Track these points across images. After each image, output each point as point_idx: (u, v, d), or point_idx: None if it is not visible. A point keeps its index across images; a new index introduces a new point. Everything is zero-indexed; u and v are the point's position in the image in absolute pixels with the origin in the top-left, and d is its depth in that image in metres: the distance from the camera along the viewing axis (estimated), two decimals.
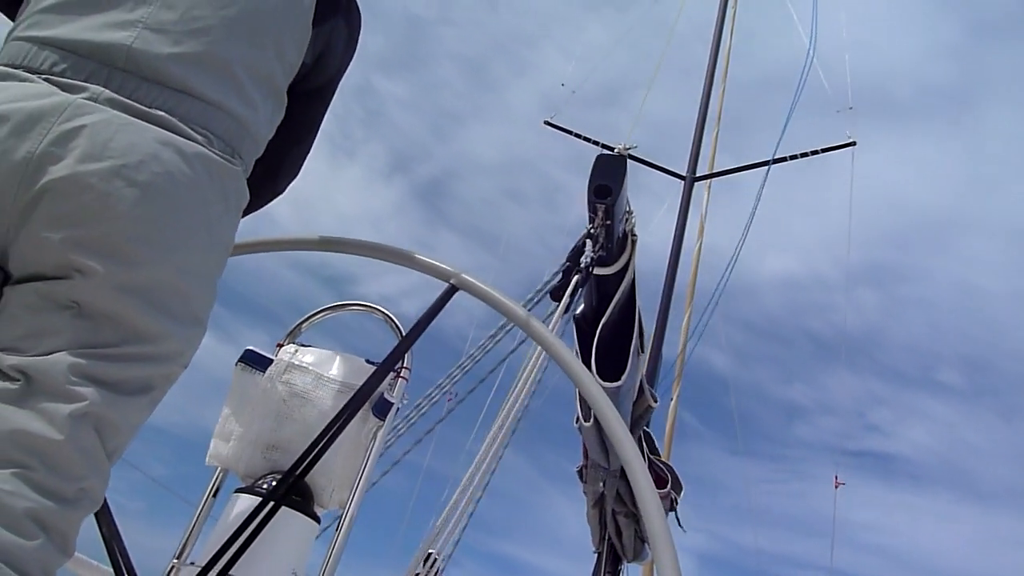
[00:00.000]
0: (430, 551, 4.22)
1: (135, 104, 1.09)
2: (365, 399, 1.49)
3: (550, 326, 2.10)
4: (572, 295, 2.07)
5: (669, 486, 4.36)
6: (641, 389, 3.80)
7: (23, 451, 0.92)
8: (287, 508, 1.69)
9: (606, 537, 4.75)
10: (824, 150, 8.53)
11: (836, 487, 7.42)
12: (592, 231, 2.15)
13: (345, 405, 1.48)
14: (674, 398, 7.16)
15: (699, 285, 7.99)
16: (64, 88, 1.06)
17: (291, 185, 1.62)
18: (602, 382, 2.15)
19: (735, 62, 9.65)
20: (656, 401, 4.06)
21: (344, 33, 1.49)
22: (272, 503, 1.40)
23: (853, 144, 8.48)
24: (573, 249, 2.31)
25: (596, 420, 3.12)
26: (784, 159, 8.42)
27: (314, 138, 1.60)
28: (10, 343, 0.99)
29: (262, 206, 1.61)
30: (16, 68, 1.09)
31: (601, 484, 4.31)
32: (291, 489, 1.44)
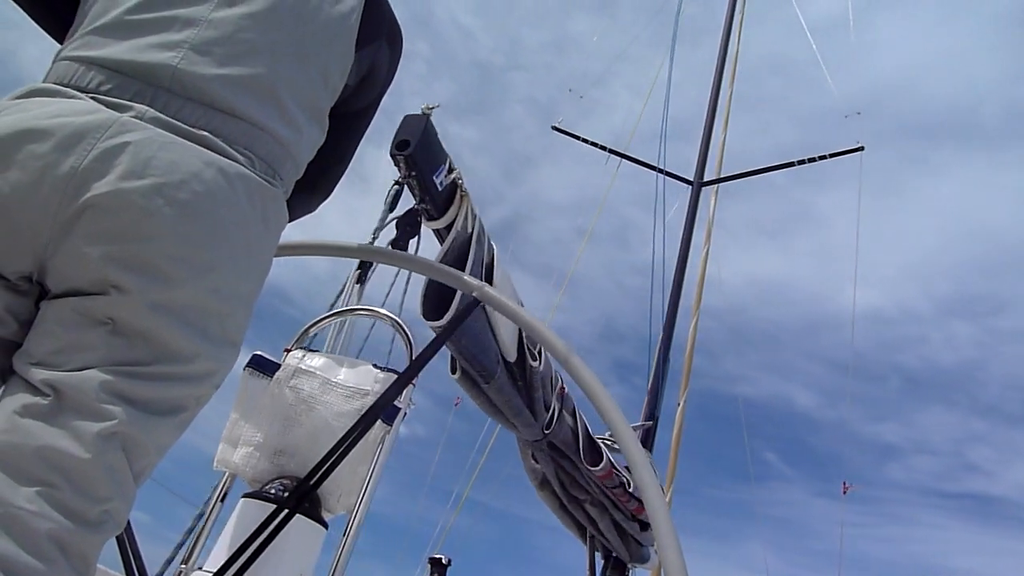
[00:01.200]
0: (439, 555, 4.19)
1: (179, 124, 1.10)
2: (382, 409, 1.48)
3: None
4: (404, 240, 2.21)
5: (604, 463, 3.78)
6: (521, 351, 3.27)
7: (49, 469, 0.91)
8: (295, 514, 1.69)
9: (586, 531, 4.38)
10: (832, 155, 8.49)
11: (844, 491, 7.35)
12: (399, 180, 2.30)
13: (363, 416, 1.47)
14: (681, 403, 7.12)
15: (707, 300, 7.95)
16: (109, 106, 1.07)
17: (324, 204, 1.62)
18: (428, 321, 2.22)
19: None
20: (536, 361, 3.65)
21: (387, 55, 1.50)
22: (287, 511, 1.39)
23: (861, 149, 8.44)
24: (386, 201, 2.51)
25: (465, 375, 2.94)
26: (792, 164, 8.40)
27: (351, 158, 1.60)
28: (43, 357, 0.98)
29: (292, 221, 1.61)
30: (63, 87, 1.10)
31: (531, 458, 3.83)
32: (303, 497, 1.44)
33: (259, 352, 1.96)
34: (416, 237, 2.35)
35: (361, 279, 2.42)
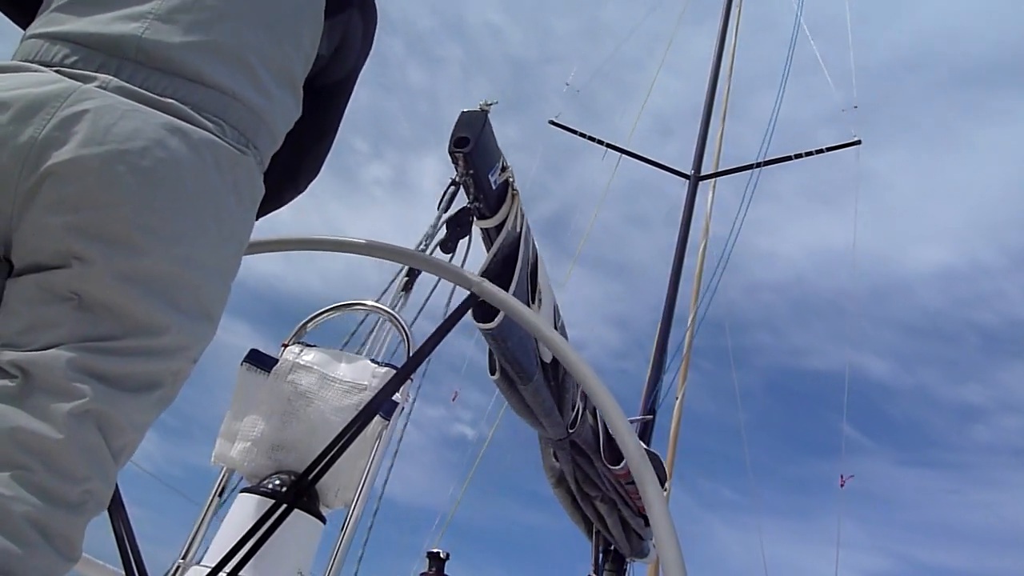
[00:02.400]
0: (436, 549, 4.20)
1: (145, 92, 1.07)
2: (381, 404, 1.48)
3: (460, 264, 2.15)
4: (454, 240, 2.16)
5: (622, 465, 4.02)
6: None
7: (22, 451, 0.89)
8: (294, 508, 1.69)
9: (593, 527, 4.47)
10: (829, 149, 8.50)
11: (842, 484, 7.38)
12: (456, 180, 2.23)
13: (361, 411, 1.47)
14: (679, 396, 7.14)
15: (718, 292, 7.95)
16: (73, 78, 1.05)
17: (312, 184, 1.59)
18: (479, 324, 2.19)
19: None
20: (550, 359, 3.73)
21: (360, 26, 1.48)
22: (285, 506, 1.39)
23: (858, 143, 8.45)
24: (441, 200, 2.42)
25: (504, 375, 2.94)
26: (788, 158, 8.40)
27: (334, 135, 1.57)
28: (9, 338, 0.96)
29: (282, 205, 1.58)
30: (28, 62, 1.08)
31: (552, 456, 3.96)
32: (302, 492, 1.43)
33: (256, 348, 1.96)
34: (467, 237, 2.30)
35: (408, 287, 2.37)
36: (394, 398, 1.85)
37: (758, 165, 8.42)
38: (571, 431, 3.45)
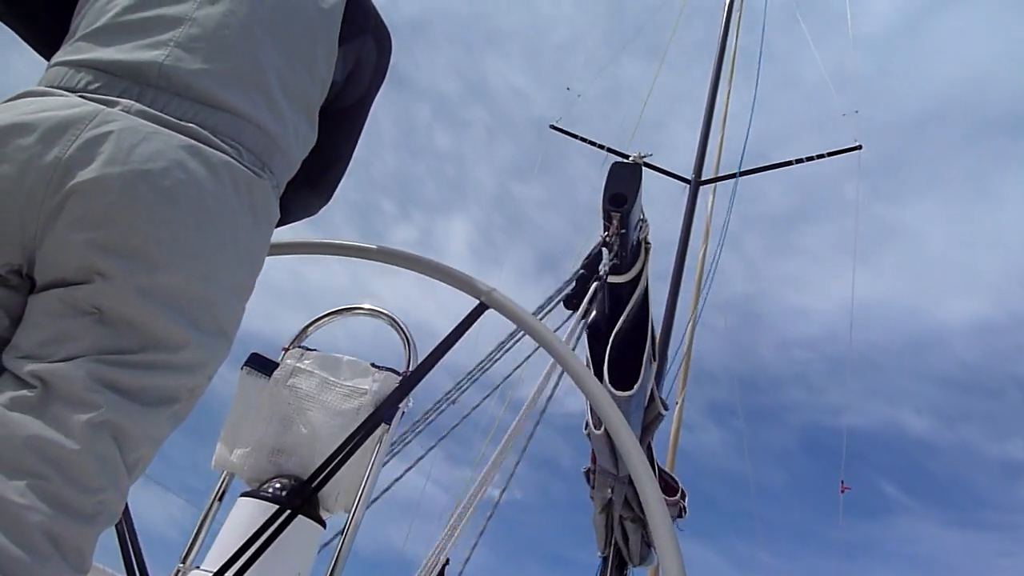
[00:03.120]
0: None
1: (166, 116, 1.10)
2: (385, 413, 1.47)
3: (567, 333, 2.09)
4: (590, 303, 2.07)
5: (679, 495, 4.38)
6: (652, 396, 3.79)
7: (38, 460, 0.90)
8: (298, 514, 1.69)
9: (612, 541, 4.77)
10: (830, 154, 8.50)
11: (842, 491, 7.37)
12: (607, 239, 2.15)
13: (366, 420, 1.46)
14: (679, 403, 7.14)
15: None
16: (97, 102, 1.08)
17: (324, 207, 1.61)
18: (615, 390, 2.14)
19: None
20: (666, 409, 4.05)
21: (373, 51, 1.50)
22: (289, 512, 1.39)
23: (859, 148, 8.46)
24: (588, 256, 2.31)
25: (607, 429, 3.13)
26: (790, 162, 8.41)
27: (349, 160, 1.59)
28: (30, 350, 0.98)
29: (291, 223, 1.60)
30: (53, 88, 1.11)
31: (609, 490, 4.33)
32: (305, 498, 1.43)
33: (256, 351, 1.96)
34: (592, 296, 2.18)
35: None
36: (386, 396, 1.85)
37: (758, 170, 8.43)
38: None
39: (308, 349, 1.98)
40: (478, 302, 1.55)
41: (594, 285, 2.11)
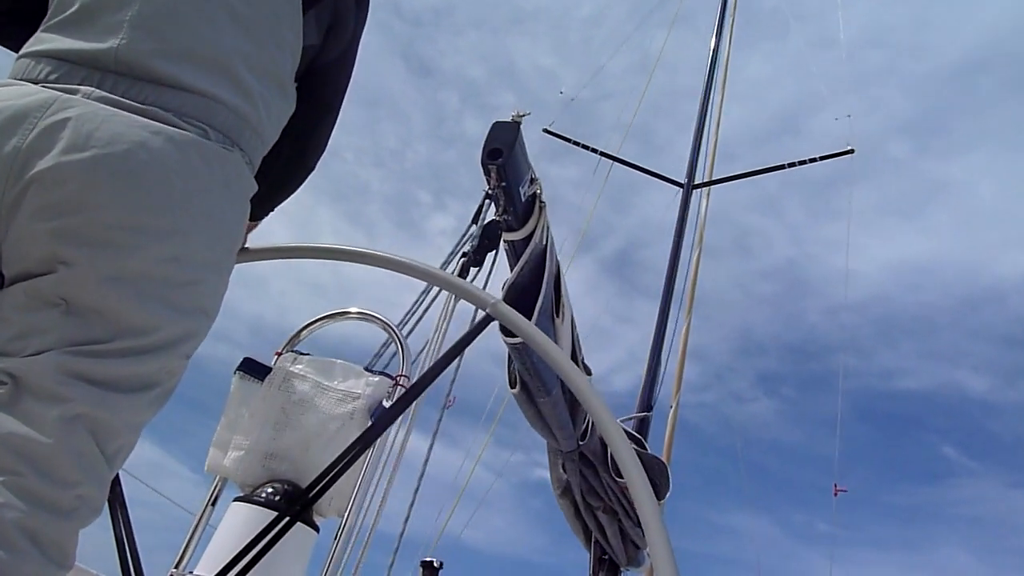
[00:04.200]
0: (430, 559, 4.20)
1: (127, 102, 1.08)
2: (386, 424, 1.45)
3: (482, 285, 2.13)
4: (481, 254, 2.15)
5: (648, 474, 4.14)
6: (573, 359, 3.48)
7: (12, 457, 0.89)
8: (285, 516, 1.69)
9: (592, 536, 4.53)
10: (822, 158, 8.53)
11: (836, 494, 7.38)
12: (488, 192, 2.22)
13: (367, 430, 1.44)
14: (674, 404, 7.14)
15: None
16: (56, 91, 1.06)
17: (320, 160, 1.59)
18: (505, 337, 2.17)
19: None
20: (590, 374, 3.79)
21: (352, 2, 1.48)
22: (287, 519, 1.38)
23: (851, 152, 8.48)
24: (475, 211, 2.41)
25: (523, 388, 2.95)
26: (783, 166, 8.43)
27: (337, 112, 1.57)
28: (0, 346, 0.96)
29: (295, 189, 1.60)
30: (13, 80, 1.10)
31: (561, 468, 4.02)
32: (304, 507, 1.42)
33: (249, 356, 1.96)
34: (494, 251, 2.28)
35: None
36: (387, 406, 1.85)
37: (751, 174, 8.45)
38: (581, 443, 3.51)
39: (301, 353, 1.98)
40: (484, 314, 1.54)
41: (472, 230, 2.19)
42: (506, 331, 2.15)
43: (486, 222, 2.28)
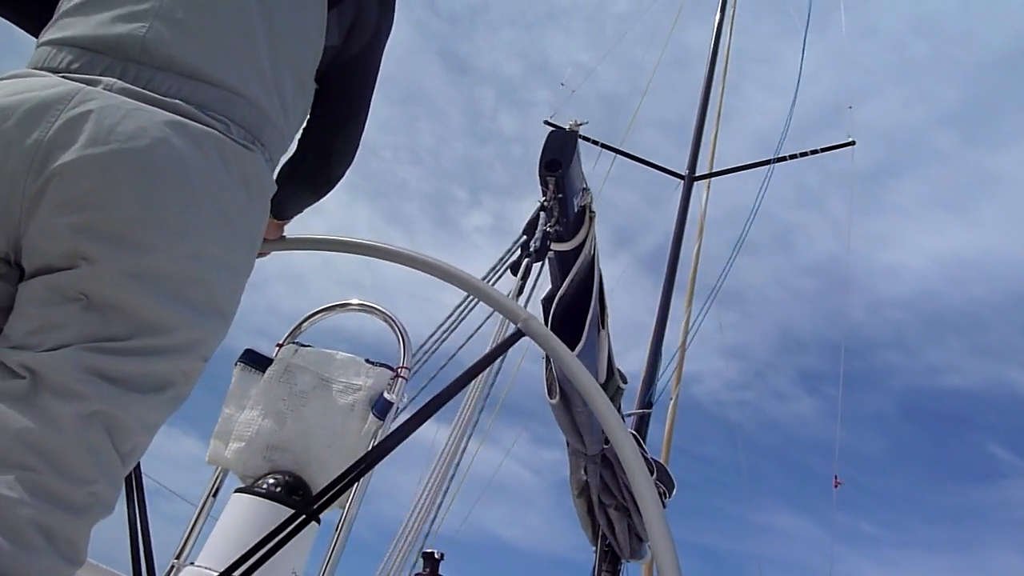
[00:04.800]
0: (431, 550, 4.22)
1: (149, 93, 1.07)
2: (410, 432, 1.42)
3: (518, 300, 2.12)
4: (528, 268, 2.13)
5: (655, 476, 4.28)
6: (611, 370, 3.69)
7: (27, 452, 0.88)
8: (285, 507, 1.69)
9: (600, 532, 4.64)
10: (824, 149, 8.52)
11: (836, 486, 7.41)
12: (545, 204, 2.20)
13: (388, 437, 1.41)
14: (673, 398, 7.16)
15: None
16: (78, 81, 1.05)
17: (347, 172, 1.55)
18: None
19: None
20: (625, 382, 3.94)
21: (374, 5, 1.46)
22: (303, 516, 1.37)
23: (852, 144, 8.48)
24: (528, 222, 2.38)
25: (563, 397, 2.99)
26: (784, 159, 8.43)
27: (363, 118, 1.54)
28: (19, 340, 0.96)
29: (320, 197, 1.57)
30: (35, 69, 1.09)
31: (582, 471, 4.13)
32: (322, 504, 1.41)
33: (251, 348, 1.96)
34: (541, 262, 2.24)
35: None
36: (388, 398, 1.86)
37: (752, 166, 8.44)
38: (606, 447, 3.63)
39: (302, 345, 1.98)
40: (515, 328, 1.53)
41: (533, 245, 2.16)
42: (548, 389, 2.13)
43: (539, 233, 2.24)
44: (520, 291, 2.21)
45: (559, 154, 1.97)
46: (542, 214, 2.26)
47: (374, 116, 1.56)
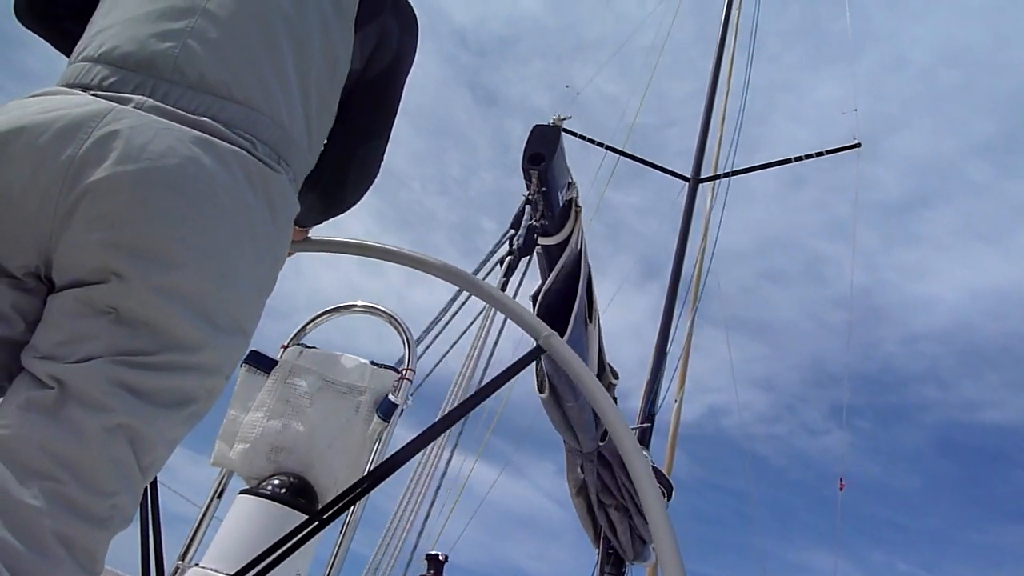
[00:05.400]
0: (435, 552, 4.22)
1: (178, 111, 1.09)
2: (422, 446, 1.42)
3: (505, 290, 2.13)
4: (516, 259, 2.15)
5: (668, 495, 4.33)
6: (601, 365, 3.67)
7: (53, 463, 0.90)
8: (291, 509, 1.69)
9: (601, 532, 4.60)
10: (829, 151, 8.51)
11: (841, 488, 7.39)
12: (529, 197, 2.22)
13: (402, 449, 1.40)
14: (678, 400, 7.14)
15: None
16: (109, 99, 1.07)
17: (365, 195, 1.56)
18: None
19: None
20: (617, 377, 3.93)
21: (395, 27, 1.48)
22: (317, 523, 1.37)
23: (858, 146, 8.46)
24: (514, 216, 2.40)
25: (552, 392, 2.97)
26: (789, 160, 8.41)
27: (382, 143, 1.55)
28: (48, 350, 0.97)
29: (335, 215, 1.58)
30: (67, 86, 1.11)
31: (579, 468, 4.09)
32: (336, 511, 1.41)
33: (255, 349, 1.96)
34: (528, 256, 2.27)
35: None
36: (393, 400, 1.86)
37: (756, 168, 8.43)
38: (601, 444, 3.57)
39: (307, 347, 1.98)
40: (535, 344, 1.52)
41: (517, 242, 2.17)
42: (538, 383, 2.14)
43: (525, 228, 2.26)
44: (504, 287, 2.23)
45: (542, 147, 1.99)
46: (528, 208, 2.29)
47: (404, 147, 1.57)
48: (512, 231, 2.34)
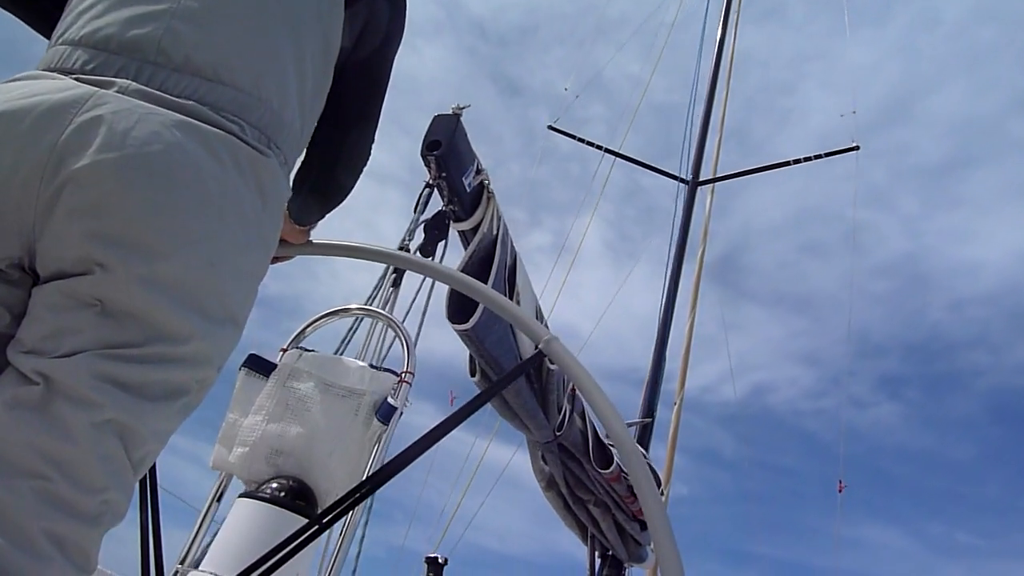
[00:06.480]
0: (435, 555, 4.21)
1: (163, 95, 1.05)
2: (426, 448, 1.42)
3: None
4: (432, 245, 2.23)
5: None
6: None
7: (41, 460, 0.88)
8: (290, 512, 1.69)
9: (587, 530, 4.44)
10: (828, 154, 8.50)
11: (840, 490, 7.38)
12: (429, 182, 2.30)
13: (404, 452, 1.40)
14: (677, 402, 7.13)
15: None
16: (91, 83, 1.03)
17: (358, 181, 1.54)
18: (453, 324, 2.22)
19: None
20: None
21: (385, 6, 1.46)
22: (316, 527, 1.36)
23: (856, 149, 8.45)
24: (416, 201, 2.55)
25: (484, 377, 2.93)
26: (787, 163, 8.41)
27: (371, 125, 1.52)
28: (33, 345, 0.94)
29: (333, 205, 1.57)
30: (47, 71, 1.08)
31: (541, 460, 3.89)
32: (336, 515, 1.41)
33: (255, 352, 1.96)
34: (444, 240, 2.34)
35: (396, 283, 2.41)
36: (392, 403, 1.86)
37: (755, 171, 8.43)
38: (558, 434, 3.41)
39: (306, 350, 1.98)
40: (537, 348, 1.52)
41: (415, 219, 2.26)
42: (454, 318, 2.15)
43: (435, 212, 2.35)
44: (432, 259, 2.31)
45: (439, 135, 2.05)
46: (434, 193, 2.39)
47: None
48: (418, 216, 2.48)
